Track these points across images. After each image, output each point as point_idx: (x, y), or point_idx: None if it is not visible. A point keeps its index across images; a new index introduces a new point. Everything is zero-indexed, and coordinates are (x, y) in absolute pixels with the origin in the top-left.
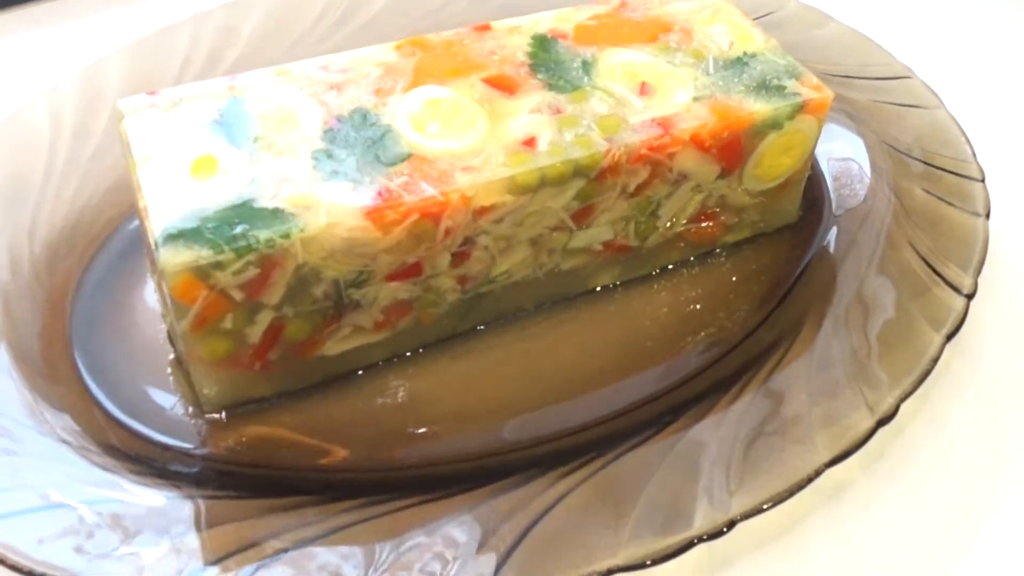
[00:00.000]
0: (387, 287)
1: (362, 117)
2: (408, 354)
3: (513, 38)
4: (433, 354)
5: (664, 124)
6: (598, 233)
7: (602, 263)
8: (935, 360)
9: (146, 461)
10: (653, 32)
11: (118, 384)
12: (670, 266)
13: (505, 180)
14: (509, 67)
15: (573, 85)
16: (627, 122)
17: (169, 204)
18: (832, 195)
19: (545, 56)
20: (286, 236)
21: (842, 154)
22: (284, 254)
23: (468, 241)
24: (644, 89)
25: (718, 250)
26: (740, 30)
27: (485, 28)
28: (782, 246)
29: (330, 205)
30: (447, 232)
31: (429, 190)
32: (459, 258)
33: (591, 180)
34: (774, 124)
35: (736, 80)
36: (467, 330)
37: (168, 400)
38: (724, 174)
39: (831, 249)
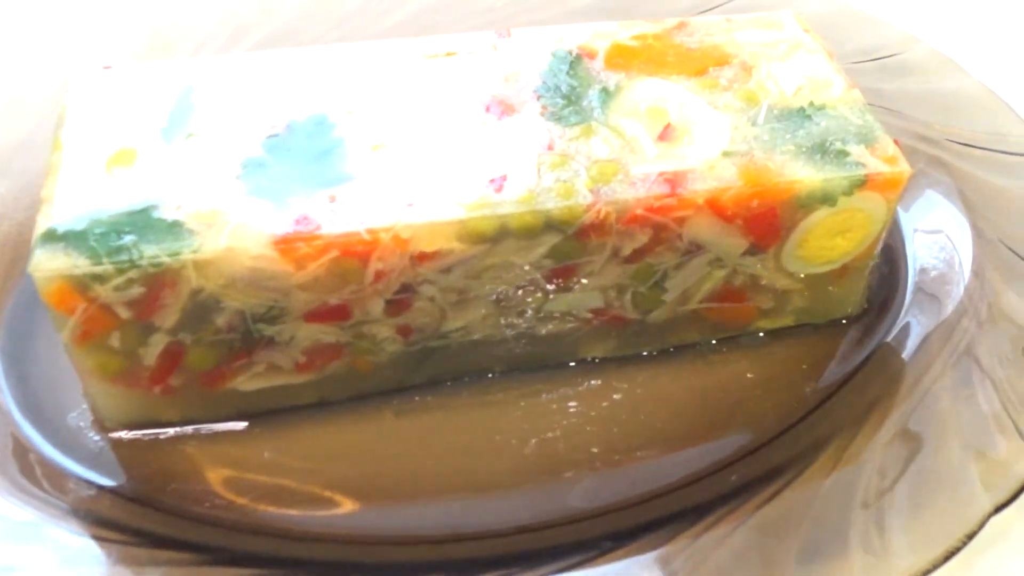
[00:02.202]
0: (307, 327)
1: (317, 125)
2: (346, 401)
3: (531, 51)
4: (376, 405)
5: (673, 181)
6: (583, 299)
7: (592, 333)
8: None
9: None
10: (704, 63)
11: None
12: (694, 344)
13: (454, 225)
14: (512, 86)
15: (580, 118)
16: (627, 172)
17: (68, 199)
18: (910, 293)
19: (559, 78)
20: (175, 255)
21: (940, 244)
22: (175, 276)
23: (407, 289)
24: (666, 133)
25: (759, 333)
26: (817, 73)
27: (505, 35)
28: (833, 341)
29: (236, 227)
30: (378, 276)
31: (355, 226)
32: (397, 306)
33: (569, 237)
34: (824, 198)
35: (788, 136)
36: (420, 384)
37: (76, 414)
38: (755, 250)
39: (895, 359)
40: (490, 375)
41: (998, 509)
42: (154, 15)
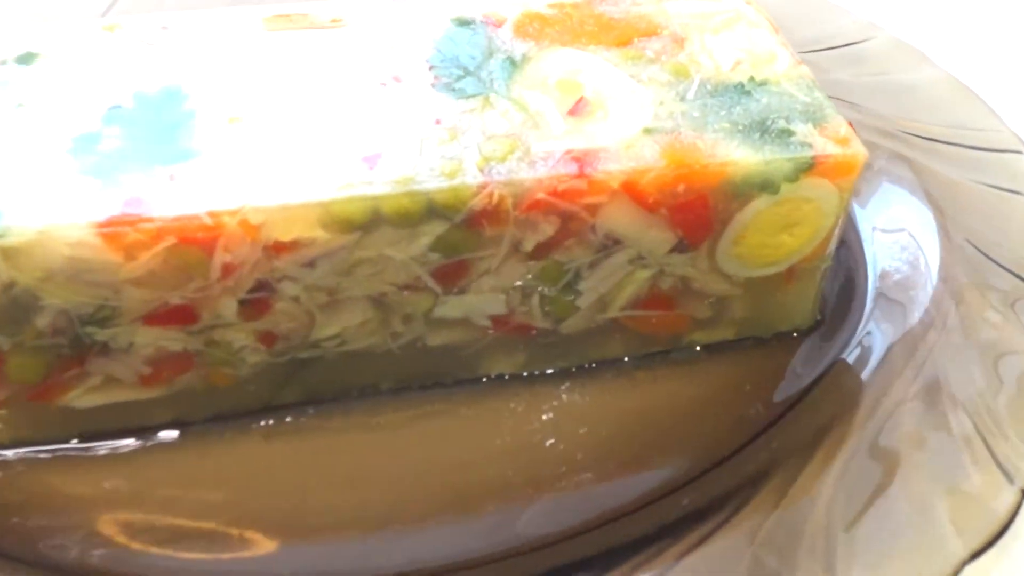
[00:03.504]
0: (146, 331)
1: (168, 97)
2: (206, 422)
3: (427, 18)
4: (241, 427)
5: (583, 160)
6: (480, 303)
7: (494, 344)
8: None
9: None
10: (628, 34)
11: None
12: (619, 360)
13: (315, 208)
14: (401, 55)
15: (478, 89)
16: (528, 150)
17: None
18: (870, 300)
19: (457, 47)
20: None
21: (904, 243)
22: None
23: (264, 287)
24: (578, 108)
25: (695, 348)
26: (759, 46)
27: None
28: (780, 357)
29: (54, 209)
30: (226, 270)
31: (195, 208)
32: (254, 308)
33: (456, 226)
34: (764, 185)
35: (722, 113)
36: (294, 403)
37: None
38: (684, 247)
39: (852, 378)
40: (378, 393)
41: (974, 556)
42: None
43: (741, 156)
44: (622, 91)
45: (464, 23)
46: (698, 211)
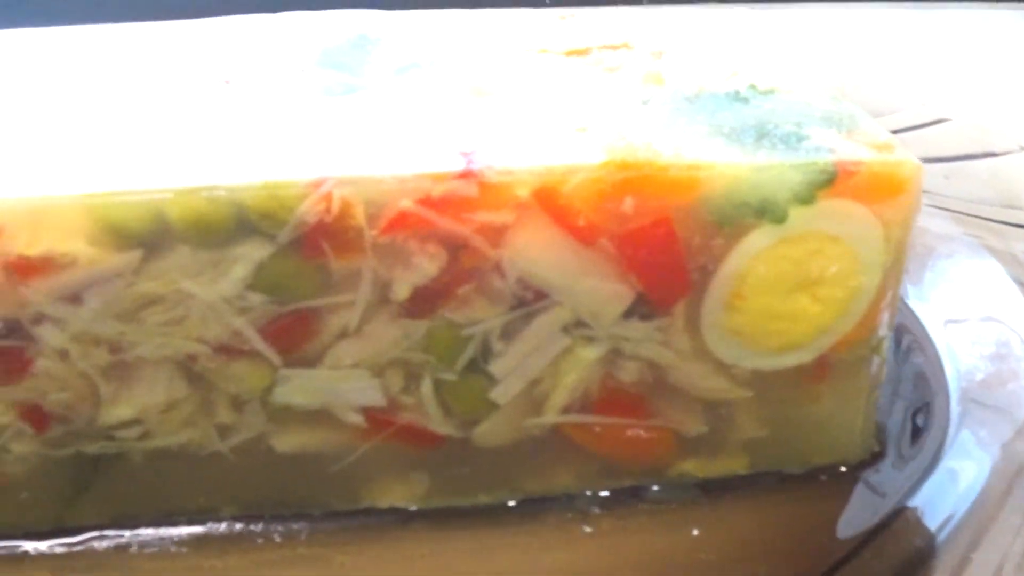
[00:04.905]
0: None
1: None
2: None
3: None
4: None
5: (471, 156)
6: (341, 384)
7: (377, 459)
8: None
9: None
10: (587, 46)
11: None
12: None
13: (74, 208)
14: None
15: (352, 87)
16: (389, 143)
17: None
18: (955, 416)
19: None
20: None
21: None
22: None
23: (15, 330)
24: (484, 108)
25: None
26: (763, 60)
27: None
28: (816, 505)
29: None
30: None
31: None
32: (5, 363)
33: (284, 250)
34: (760, 206)
35: (699, 117)
36: (94, 526)
37: None
38: (646, 310)
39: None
40: (216, 520)
41: None
42: None
43: (721, 159)
44: (556, 93)
45: (362, 34)
46: (661, 246)
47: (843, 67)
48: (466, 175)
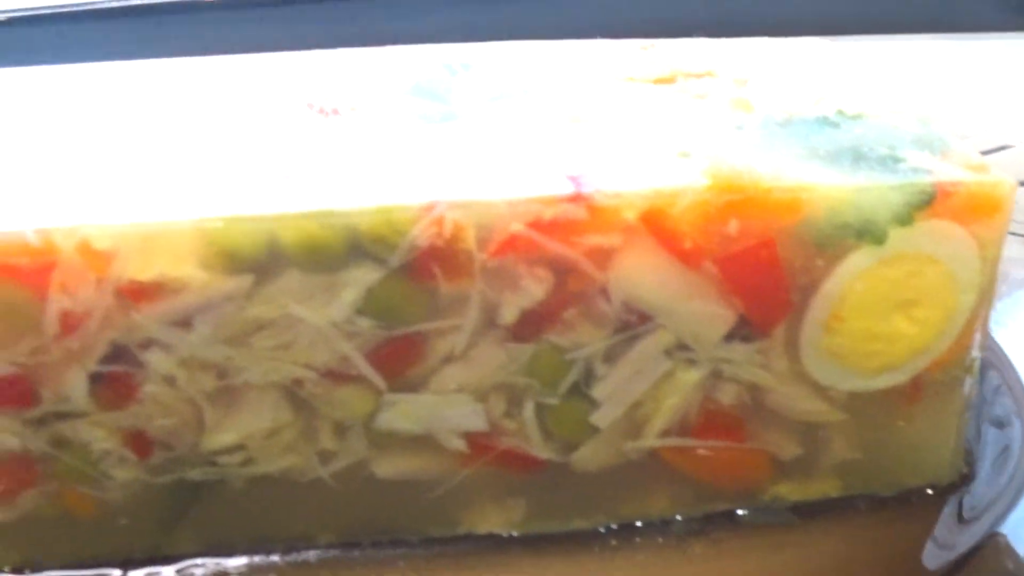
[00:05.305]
0: None
1: None
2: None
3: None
4: None
5: (580, 179)
6: (445, 409)
7: (476, 484)
8: None
9: None
10: (673, 74)
11: None
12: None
13: (187, 232)
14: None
15: (448, 115)
16: (499, 168)
17: None
18: None
19: (431, 85)
20: None
21: None
22: None
23: (123, 355)
24: (585, 134)
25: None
26: (851, 84)
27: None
28: (910, 528)
29: None
30: (67, 321)
31: (19, 223)
32: (113, 388)
33: (395, 274)
34: (862, 228)
35: (794, 141)
36: (187, 555)
37: None
38: (748, 332)
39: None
40: (313, 548)
41: None
42: None
43: (824, 181)
44: (652, 119)
45: (451, 64)
46: (764, 268)
47: (908, 96)
48: (576, 198)
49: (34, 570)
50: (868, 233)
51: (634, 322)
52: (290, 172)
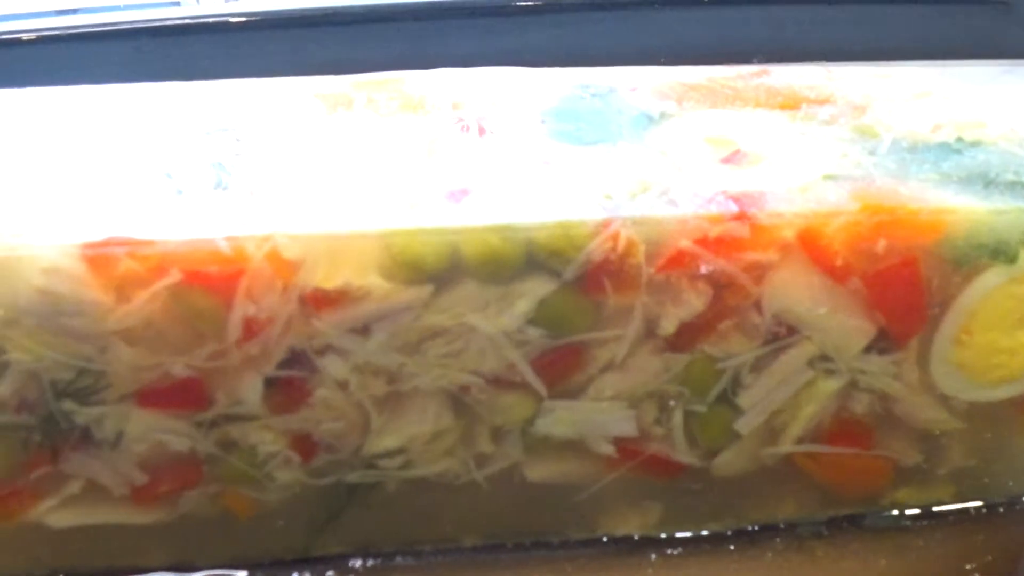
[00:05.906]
0: (141, 416)
1: None
2: (216, 571)
3: (550, 86)
4: None
5: (742, 200)
6: (600, 416)
7: (617, 489)
8: None
9: None
10: (795, 100)
11: None
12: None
13: (373, 243)
14: (504, 109)
15: (602, 137)
16: (667, 189)
17: None
18: None
19: (576, 103)
20: None
21: None
22: None
23: (300, 360)
24: (734, 157)
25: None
26: (961, 113)
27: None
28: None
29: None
30: (249, 327)
31: (210, 232)
32: (287, 393)
33: (567, 287)
34: (996, 248)
35: (927, 166)
36: (336, 556)
37: None
38: (885, 345)
39: None
40: (458, 551)
41: None
42: None
43: (962, 204)
44: (790, 144)
45: (585, 86)
46: (906, 284)
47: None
48: (740, 217)
49: (186, 570)
50: (1001, 253)
51: (782, 334)
52: (460, 186)
